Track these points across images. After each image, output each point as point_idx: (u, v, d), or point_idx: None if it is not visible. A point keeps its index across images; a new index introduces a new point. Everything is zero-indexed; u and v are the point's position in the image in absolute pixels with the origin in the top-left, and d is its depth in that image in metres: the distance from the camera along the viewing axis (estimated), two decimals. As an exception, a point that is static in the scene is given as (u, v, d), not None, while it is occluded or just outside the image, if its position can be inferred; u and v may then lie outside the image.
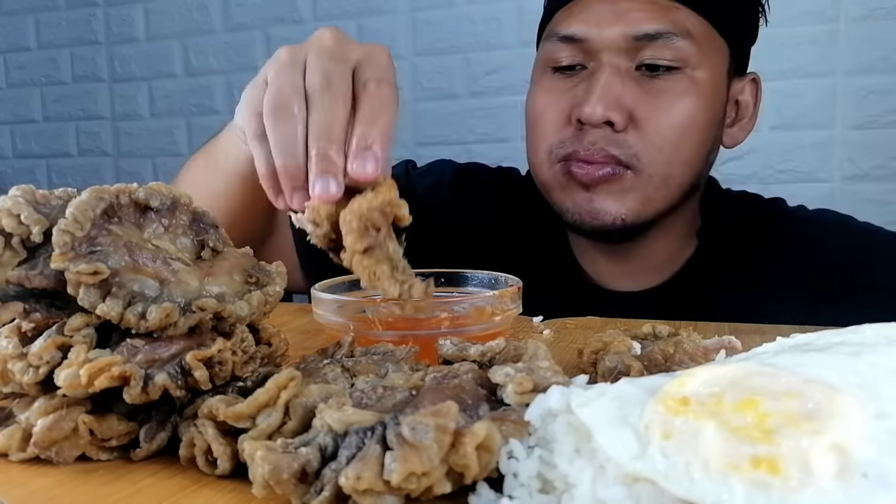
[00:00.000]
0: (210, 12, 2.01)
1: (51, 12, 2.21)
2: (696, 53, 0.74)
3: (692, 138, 0.76)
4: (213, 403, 0.34)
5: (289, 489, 0.29)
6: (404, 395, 0.35)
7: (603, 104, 0.72)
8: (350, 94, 0.47)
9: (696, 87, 0.75)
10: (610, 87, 0.73)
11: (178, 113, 2.09)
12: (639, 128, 0.74)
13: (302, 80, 0.47)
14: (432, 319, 0.49)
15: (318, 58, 0.48)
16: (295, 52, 0.49)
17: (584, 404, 0.29)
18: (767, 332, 0.57)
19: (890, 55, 1.47)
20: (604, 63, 0.74)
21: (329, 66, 0.47)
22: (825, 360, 0.29)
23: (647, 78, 0.75)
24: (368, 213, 0.43)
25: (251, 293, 0.40)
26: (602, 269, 0.85)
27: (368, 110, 0.46)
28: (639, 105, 0.74)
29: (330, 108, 0.45)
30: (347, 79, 0.47)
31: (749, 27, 0.82)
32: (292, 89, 0.47)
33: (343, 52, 0.48)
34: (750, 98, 0.84)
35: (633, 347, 0.46)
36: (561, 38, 0.77)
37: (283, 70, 0.48)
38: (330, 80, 0.46)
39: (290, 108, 0.46)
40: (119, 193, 0.39)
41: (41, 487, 0.34)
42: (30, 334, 0.37)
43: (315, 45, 0.49)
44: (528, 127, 0.82)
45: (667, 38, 0.74)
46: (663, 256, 0.84)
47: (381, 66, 0.48)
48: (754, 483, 0.24)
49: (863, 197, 1.51)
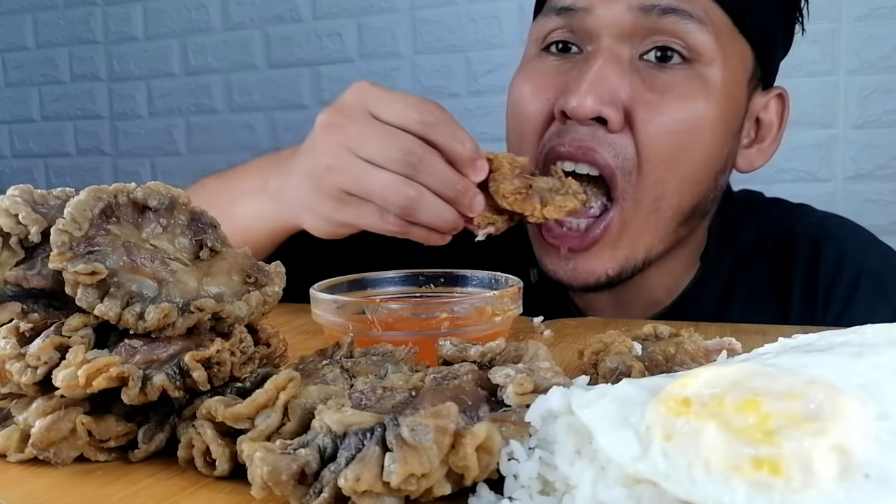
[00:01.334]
0: (209, 11, 2.01)
1: (49, 11, 2.21)
2: (712, 47, 0.63)
3: (696, 150, 0.65)
4: (212, 404, 0.34)
5: (288, 490, 0.29)
6: (404, 396, 0.35)
7: (594, 95, 0.61)
8: (422, 142, 0.55)
9: (707, 87, 0.64)
10: (605, 77, 0.62)
11: (176, 112, 2.09)
12: (635, 130, 0.63)
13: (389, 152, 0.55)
14: (432, 320, 0.49)
15: (370, 140, 0.55)
16: (349, 130, 0.56)
17: (585, 405, 0.29)
18: (769, 333, 0.57)
19: (892, 54, 1.47)
20: (602, 48, 0.63)
21: (390, 141, 0.55)
22: (827, 361, 0.29)
23: (650, 68, 0.64)
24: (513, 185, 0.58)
25: (250, 293, 0.39)
26: (591, 303, 0.78)
27: (442, 138, 0.55)
28: (637, 102, 0.63)
29: (433, 168, 0.55)
30: (407, 136, 0.55)
31: (779, 34, 0.71)
32: (397, 151, 0.55)
33: (382, 126, 0.56)
34: (774, 117, 0.73)
35: (634, 348, 0.46)
36: (558, 11, 0.66)
37: (373, 142, 0.55)
38: (409, 151, 0.55)
39: (414, 155, 0.55)
40: (117, 193, 0.39)
41: (39, 488, 0.34)
42: (28, 335, 0.37)
43: (350, 137, 0.56)
44: (507, 119, 0.71)
45: (681, 15, 0.62)
46: (662, 289, 0.76)
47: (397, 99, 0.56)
48: (756, 484, 0.24)
49: (865, 196, 1.51)
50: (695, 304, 0.76)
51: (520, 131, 0.69)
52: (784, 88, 0.74)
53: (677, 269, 0.76)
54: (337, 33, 1.89)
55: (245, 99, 1.99)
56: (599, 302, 0.78)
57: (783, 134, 0.74)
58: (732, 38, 0.66)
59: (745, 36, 0.67)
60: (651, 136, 0.63)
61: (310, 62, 1.91)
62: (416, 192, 0.55)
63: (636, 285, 0.74)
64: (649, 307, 0.77)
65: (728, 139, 0.68)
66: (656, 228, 0.67)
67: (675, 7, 0.63)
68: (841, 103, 1.50)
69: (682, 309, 0.76)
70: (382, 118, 0.56)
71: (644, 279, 0.73)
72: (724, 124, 0.67)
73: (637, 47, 0.64)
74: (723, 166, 0.69)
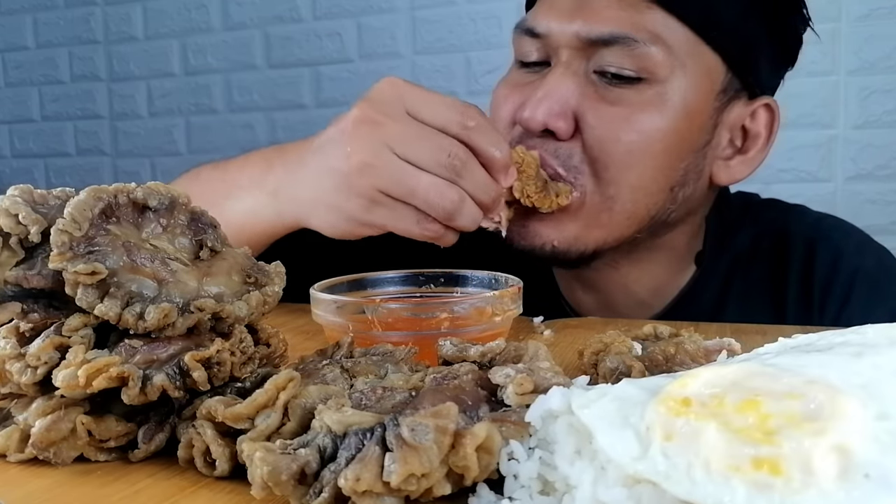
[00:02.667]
0: (209, 11, 2.01)
1: (49, 11, 2.21)
2: (665, 64, 0.63)
3: (645, 162, 0.65)
4: (212, 404, 0.34)
5: (288, 490, 0.29)
6: (404, 396, 0.35)
7: (544, 108, 0.64)
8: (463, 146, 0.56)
9: (663, 103, 0.64)
10: (556, 89, 0.64)
11: (176, 112, 2.09)
12: (583, 137, 0.65)
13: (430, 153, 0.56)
14: (432, 320, 0.49)
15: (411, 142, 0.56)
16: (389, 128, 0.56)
17: (585, 405, 0.29)
18: (769, 333, 0.57)
19: (892, 54, 1.47)
20: (560, 62, 0.66)
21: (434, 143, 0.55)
22: (827, 361, 0.29)
23: (605, 84, 0.65)
24: (532, 182, 0.63)
25: (250, 293, 0.39)
26: (578, 299, 0.79)
27: (489, 141, 0.57)
28: (587, 111, 0.64)
29: (477, 169, 0.57)
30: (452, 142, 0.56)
31: (761, 43, 0.68)
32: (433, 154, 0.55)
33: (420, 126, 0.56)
34: (762, 128, 0.71)
35: (633, 348, 0.46)
36: (524, 31, 0.69)
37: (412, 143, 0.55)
38: (454, 156, 0.56)
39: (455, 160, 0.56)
40: (117, 193, 0.39)
41: (39, 488, 0.34)
42: (28, 335, 0.37)
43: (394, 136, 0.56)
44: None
45: (625, 43, 0.63)
46: (646, 290, 0.76)
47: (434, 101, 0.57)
48: (756, 484, 0.24)
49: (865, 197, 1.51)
50: (692, 305, 0.76)
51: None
52: (773, 99, 0.72)
53: (658, 271, 0.76)
54: (337, 33, 1.89)
55: (245, 99, 1.99)
56: (585, 300, 0.79)
57: (771, 147, 0.73)
58: (696, 52, 0.65)
59: (712, 47, 0.66)
60: (598, 140, 0.65)
61: (310, 62, 1.91)
62: (460, 197, 0.55)
63: (614, 283, 0.75)
64: (638, 307, 0.77)
65: (685, 154, 0.67)
66: (607, 226, 0.67)
67: (618, 36, 0.63)
68: (841, 103, 1.50)
69: (679, 310, 0.77)
70: (422, 118, 0.56)
71: (621, 277, 0.74)
72: (678, 137, 0.66)
73: (591, 62, 0.65)
74: (680, 181, 0.68)
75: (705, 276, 0.77)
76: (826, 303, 0.73)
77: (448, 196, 0.55)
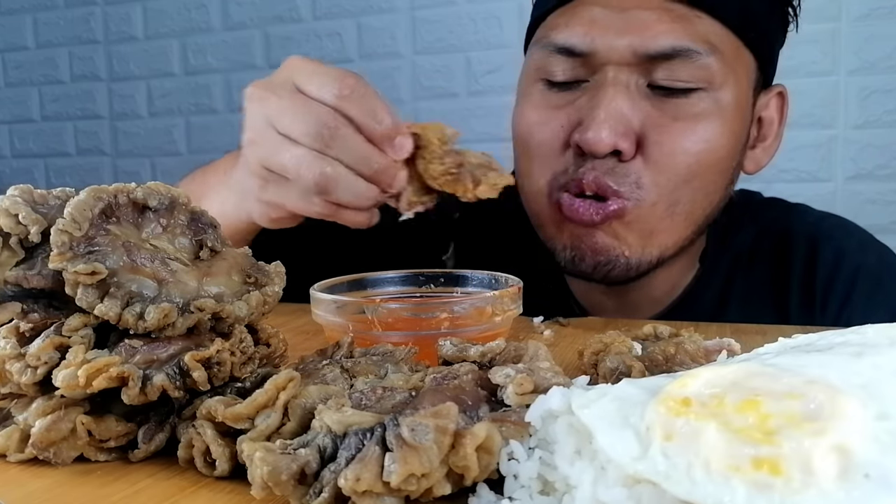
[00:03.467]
0: (209, 11, 2.01)
1: (49, 11, 2.21)
2: (720, 71, 0.63)
3: (710, 168, 0.66)
4: (212, 404, 0.34)
5: (288, 490, 0.29)
6: (404, 396, 0.35)
7: (609, 128, 0.61)
8: (340, 116, 0.52)
9: (720, 109, 0.64)
10: (617, 109, 0.62)
11: (176, 112, 2.09)
12: (646, 153, 0.64)
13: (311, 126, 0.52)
14: (432, 320, 0.49)
15: (288, 115, 0.52)
16: (270, 102, 0.53)
17: (585, 405, 0.29)
18: (769, 333, 0.57)
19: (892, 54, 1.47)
20: (609, 78, 0.63)
21: (307, 116, 0.52)
22: (827, 361, 0.29)
23: (660, 97, 0.64)
24: (443, 166, 0.54)
25: (250, 293, 0.39)
26: (596, 302, 0.78)
27: (364, 110, 0.52)
28: (650, 129, 0.63)
29: (350, 143, 0.52)
30: (328, 112, 0.52)
31: (779, 35, 0.71)
32: (309, 127, 0.51)
33: (292, 96, 0.53)
34: (775, 114, 0.73)
35: (633, 348, 0.46)
36: (558, 49, 0.65)
37: (295, 122, 0.52)
38: (324, 125, 0.51)
39: (328, 130, 0.51)
40: (117, 193, 0.39)
41: (39, 488, 0.34)
42: (28, 335, 0.37)
43: (268, 110, 0.53)
44: (516, 147, 0.71)
45: (686, 55, 0.62)
46: (664, 288, 0.77)
47: (317, 73, 0.53)
48: (756, 484, 0.24)
49: (865, 197, 1.51)
50: (694, 304, 0.76)
51: (531, 158, 0.69)
52: (783, 86, 0.74)
53: (676, 270, 0.76)
54: (337, 33, 1.89)
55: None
56: (603, 303, 0.78)
57: (783, 130, 0.75)
58: (738, 54, 0.66)
59: (748, 48, 0.67)
60: (666, 155, 0.64)
61: (310, 62, 1.91)
62: (332, 169, 0.51)
63: (642, 286, 0.75)
64: (651, 307, 0.77)
65: (739, 152, 0.69)
66: (669, 231, 0.67)
67: (678, 49, 0.62)
68: (841, 103, 1.50)
69: (681, 309, 0.77)
70: (304, 91, 0.53)
71: (650, 281, 0.74)
72: (735, 139, 0.67)
73: (645, 76, 0.64)
74: (731, 177, 0.70)
75: (708, 274, 0.77)
76: (828, 300, 0.73)
77: (316, 167, 0.51)
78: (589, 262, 0.67)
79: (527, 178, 0.70)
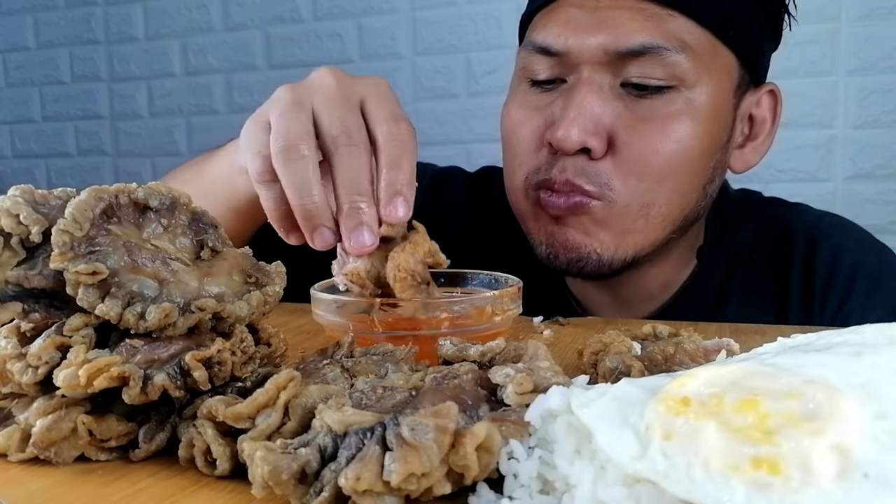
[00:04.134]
0: (209, 11, 2.01)
1: (50, 11, 2.21)
2: (693, 70, 0.64)
3: (683, 168, 0.66)
4: (213, 404, 0.34)
5: (288, 490, 0.29)
6: (404, 396, 0.35)
7: (578, 127, 0.63)
8: (369, 141, 0.48)
9: (692, 108, 0.65)
10: (588, 108, 0.63)
11: (177, 112, 2.09)
12: (617, 153, 0.64)
13: (310, 123, 0.48)
14: (432, 319, 0.49)
15: (329, 105, 0.48)
16: (299, 94, 0.50)
17: (585, 405, 0.29)
18: (769, 332, 0.57)
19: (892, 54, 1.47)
20: (583, 79, 0.65)
21: (344, 114, 0.48)
22: (826, 361, 0.29)
23: (633, 97, 0.65)
24: (416, 268, 0.47)
25: (250, 293, 0.39)
26: (592, 299, 0.79)
27: (391, 154, 0.47)
28: (621, 129, 0.64)
29: (355, 161, 0.47)
30: (363, 125, 0.48)
31: (766, 35, 0.71)
32: (302, 131, 0.47)
33: (349, 95, 0.49)
34: (767, 113, 0.73)
35: (633, 348, 0.46)
36: (537, 49, 0.67)
37: (288, 111, 0.48)
38: (349, 131, 0.47)
39: (300, 149, 0.47)
40: (118, 193, 0.39)
41: (40, 488, 0.34)
42: (29, 334, 0.37)
43: (320, 90, 0.50)
44: (503, 143, 0.73)
45: (656, 52, 0.63)
46: (657, 284, 0.77)
47: (389, 102, 0.50)
48: (755, 483, 0.24)
49: (864, 197, 1.51)
50: (692, 302, 0.77)
51: (513, 155, 0.71)
52: (775, 84, 0.74)
53: (670, 266, 0.77)
54: (337, 34, 1.89)
55: (246, 99, 1.99)
56: (599, 299, 0.78)
57: (777, 129, 0.74)
58: (715, 54, 0.66)
59: (728, 47, 0.67)
60: (636, 157, 0.65)
61: (310, 63, 1.91)
62: (307, 153, 0.47)
63: (634, 282, 0.75)
64: (647, 302, 0.78)
65: (715, 152, 0.69)
66: (644, 231, 0.68)
67: (649, 46, 0.63)
68: (840, 103, 1.50)
69: (679, 306, 0.77)
70: (363, 103, 0.50)
71: (641, 277, 0.74)
72: (710, 139, 0.67)
73: (617, 76, 0.65)
74: (710, 177, 0.70)
75: (706, 271, 0.78)
76: (827, 298, 0.73)
77: (293, 130, 0.47)
78: (562, 259, 0.68)
79: (510, 176, 0.72)
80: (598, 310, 0.79)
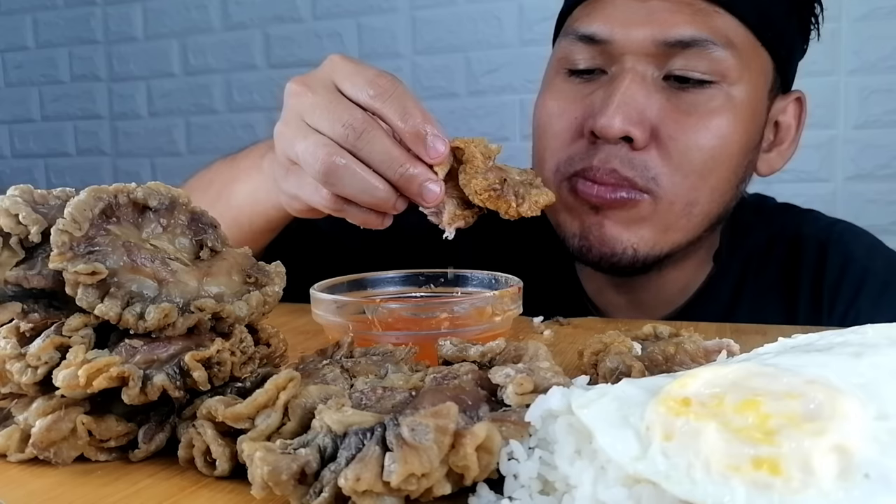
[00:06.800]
0: (209, 11, 2.01)
1: (49, 11, 2.21)
2: (735, 66, 0.65)
3: (724, 164, 0.67)
4: (212, 404, 0.34)
5: (288, 490, 0.29)
6: (404, 396, 0.35)
7: (622, 116, 0.63)
8: (368, 117, 0.50)
9: (733, 105, 0.66)
10: (632, 97, 0.64)
11: (176, 112, 2.09)
12: (662, 147, 0.65)
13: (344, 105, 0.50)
14: (432, 320, 0.49)
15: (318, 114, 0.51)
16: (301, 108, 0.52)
17: (585, 405, 0.29)
18: (769, 333, 0.57)
19: (892, 54, 1.47)
20: (626, 69, 0.65)
21: (335, 115, 0.50)
22: (827, 361, 0.29)
23: (675, 90, 0.65)
24: (487, 180, 0.50)
25: (250, 293, 0.39)
26: (609, 300, 0.79)
27: (392, 110, 0.49)
28: (664, 120, 0.65)
29: (374, 143, 0.49)
30: (353, 108, 0.50)
31: (797, 40, 0.72)
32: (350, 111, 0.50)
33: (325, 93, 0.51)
34: (792, 119, 0.74)
35: (633, 348, 0.46)
36: (580, 37, 0.68)
37: (322, 106, 0.50)
38: (350, 125, 0.49)
39: (366, 124, 0.49)
40: (117, 193, 0.39)
41: (40, 488, 0.34)
42: (28, 335, 0.37)
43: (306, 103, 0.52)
44: (535, 135, 0.73)
45: (703, 45, 0.64)
46: (677, 287, 0.77)
47: (355, 71, 0.51)
48: (756, 484, 0.24)
49: (865, 197, 1.51)
50: (706, 306, 0.77)
51: (544, 146, 0.71)
52: (802, 92, 0.75)
53: (691, 268, 0.77)
54: (337, 33, 1.89)
55: (245, 99, 1.99)
56: (616, 301, 0.78)
57: (800, 136, 0.76)
58: (755, 54, 0.67)
59: (766, 48, 0.68)
60: (681, 151, 0.65)
61: (310, 62, 1.90)
62: (344, 161, 0.49)
63: (653, 285, 0.75)
64: (664, 305, 0.78)
65: (749, 152, 0.70)
66: (685, 230, 0.68)
67: (697, 39, 0.64)
68: (841, 103, 1.50)
69: (693, 310, 0.77)
70: (341, 89, 0.52)
71: (661, 279, 0.75)
72: (747, 138, 0.68)
73: (661, 68, 0.65)
74: (743, 177, 0.71)
75: (721, 274, 0.78)
76: (835, 303, 0.74)
77: (323, 156, 0.49)
78: (595, 253, 0.68)
79: (540, 165, 0.71)
80: (614, 312, 0.79)
